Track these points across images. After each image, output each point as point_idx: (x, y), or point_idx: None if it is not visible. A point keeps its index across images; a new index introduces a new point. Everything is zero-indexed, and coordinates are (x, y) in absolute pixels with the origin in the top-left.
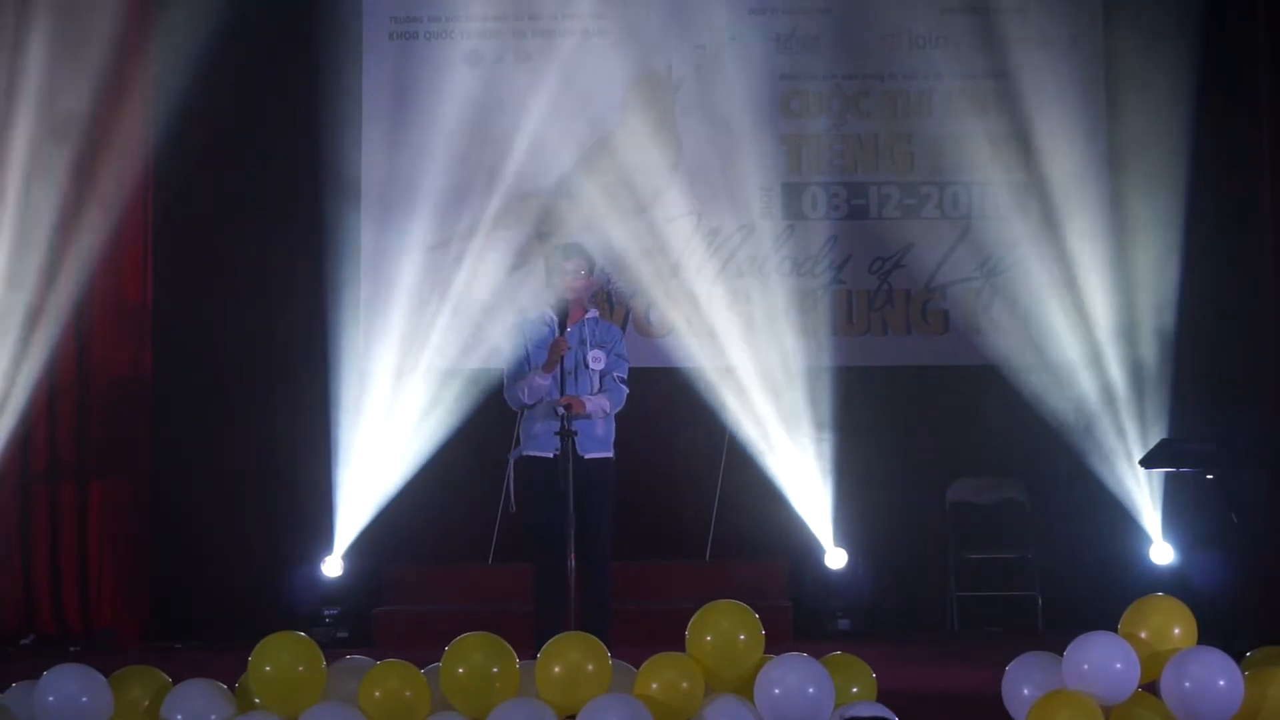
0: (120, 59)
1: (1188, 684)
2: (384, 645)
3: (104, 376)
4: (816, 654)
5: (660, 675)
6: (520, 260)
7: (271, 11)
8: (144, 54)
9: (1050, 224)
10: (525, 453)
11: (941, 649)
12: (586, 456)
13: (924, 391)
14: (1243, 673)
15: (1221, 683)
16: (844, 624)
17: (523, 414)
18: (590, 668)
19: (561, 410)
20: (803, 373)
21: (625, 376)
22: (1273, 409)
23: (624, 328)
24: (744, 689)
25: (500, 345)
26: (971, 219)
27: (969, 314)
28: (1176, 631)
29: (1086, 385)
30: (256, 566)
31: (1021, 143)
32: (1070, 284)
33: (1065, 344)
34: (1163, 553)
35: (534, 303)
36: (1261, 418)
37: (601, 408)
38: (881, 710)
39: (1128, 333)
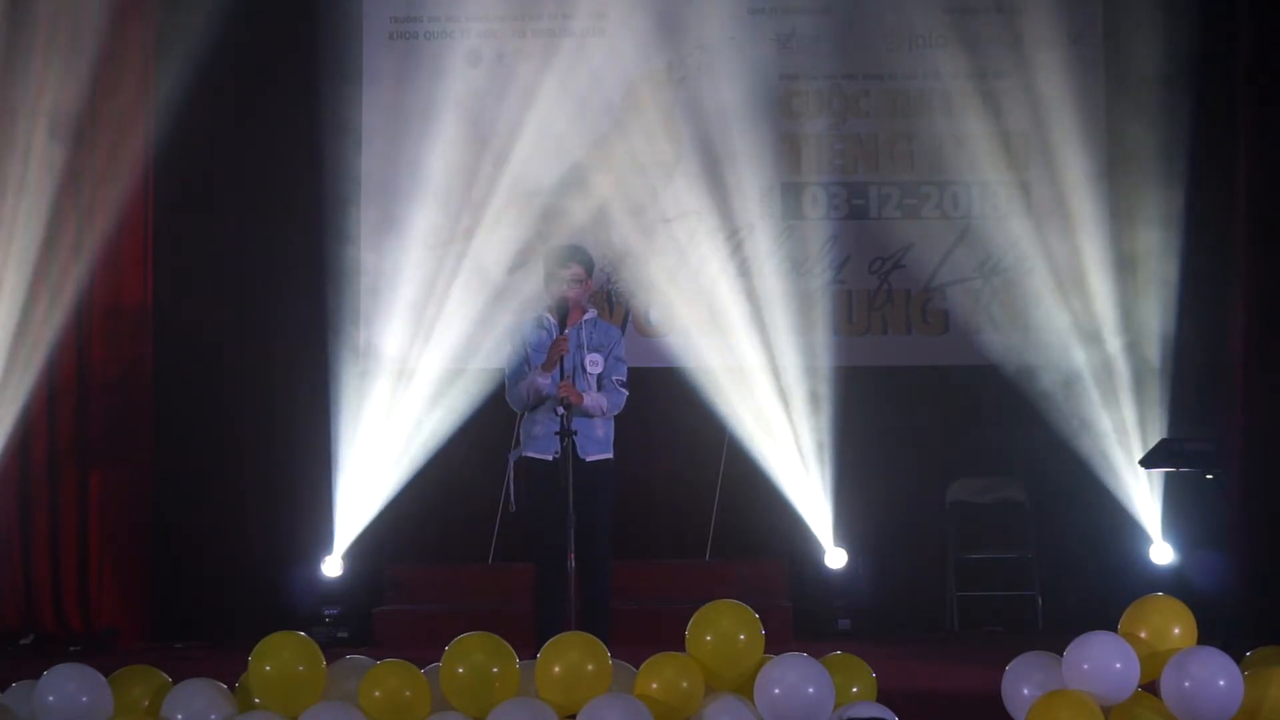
0: (121, 60)
1: (1188, 684)
2: (384, 645)
3: (104, 376)
4: (816, 654)
5: (660, 675)
6: (520, 260)
7: (271, 12)
8: (144, 54)
9: (1050, 224)
10: (525, 454)
11: (941, 649)
12: (587, 459)
13: (924, 391)
14: (1243, 673)
15: (1221, 683)
16: (844, 624)
17: (523, 415)
18: (590, 668)
19: (561, 411)
20: (803, 373)
21: (625, 379)
22: (1272, 409)
23: (624, 328)
24: (744, 689)
25: (500, 345)
26: (971, 219)
27: (969, 314)
28: (1176, 631)
29: (1085, 384)
30: (256, 566)
31: (1021, 143)
32: (1070, 284)
33: (1064, 343)
34: (1163, 553)
35: (532, 304)
36: (1260, 418)
37: (600, 406)
38: (881, 710)
39: (1128, 332)
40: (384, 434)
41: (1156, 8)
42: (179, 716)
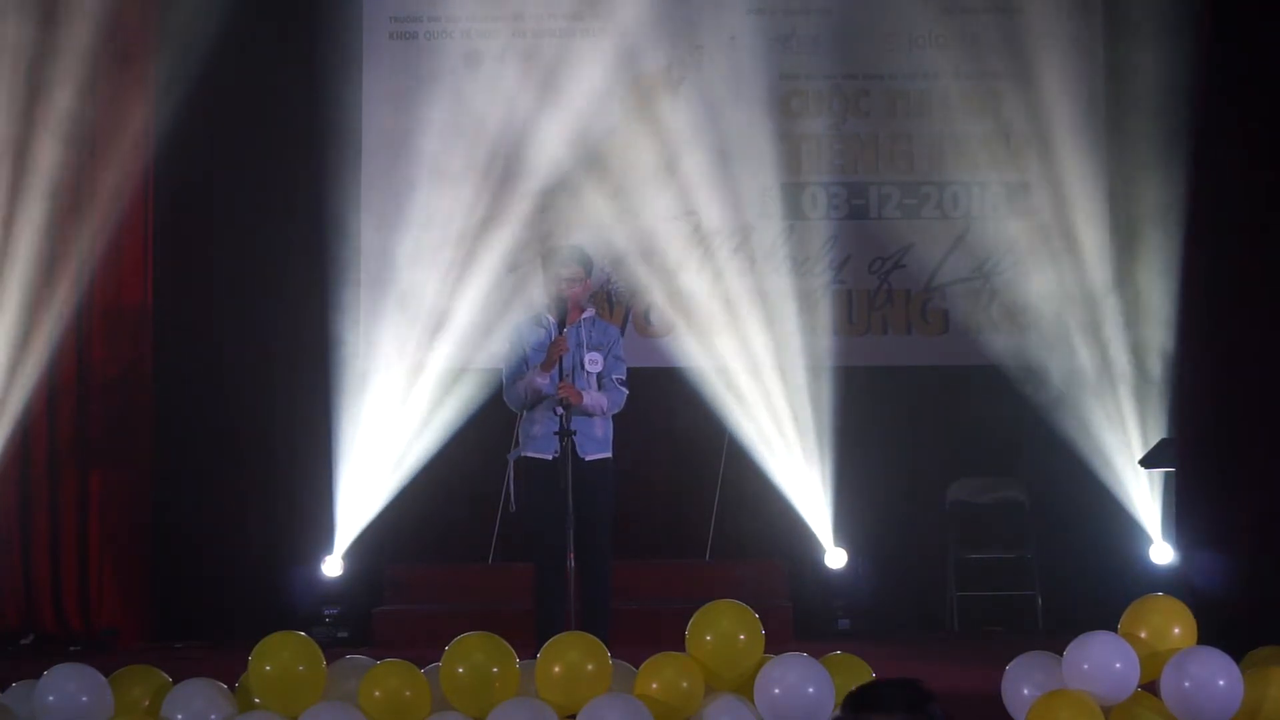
0: (121, 59)
1: (1188, 684)
2: (384, 645)
3: (104, 376)
4: (816, 654)
5: (660, 675)
6: (520, 260)
7: (271, 12)
8: (145, 54)
9: (1050, 224)
10: (525, 454)
11: (941, 649)
12: (587, 458)
13: (924, 391)
14: (1243, 673)
15: (1221, 682)
16: (844, 624)
17: (522, 415)
18: (590, 668)
19: (560, 410)
20: (803, 373)
21: (624, 378)
22: (1271, 406)
23: (623, 327)
24: (744, 689)
25: (499, 345)
26: (971, 219)
27: (969, 314)
28: (1176, 631)
29: (1085, 384)
30: (256, 566)
31: (1021, 143)
32: (1069, 283)
33: (1064, 343)
34: (1163, 553)
35: (531, 304)
36: (1260, 415)
37: (600, 405)
38: None
39: (1128, 331)
40: (384, 434)
41: (1156, 7)
42: (179, 716)
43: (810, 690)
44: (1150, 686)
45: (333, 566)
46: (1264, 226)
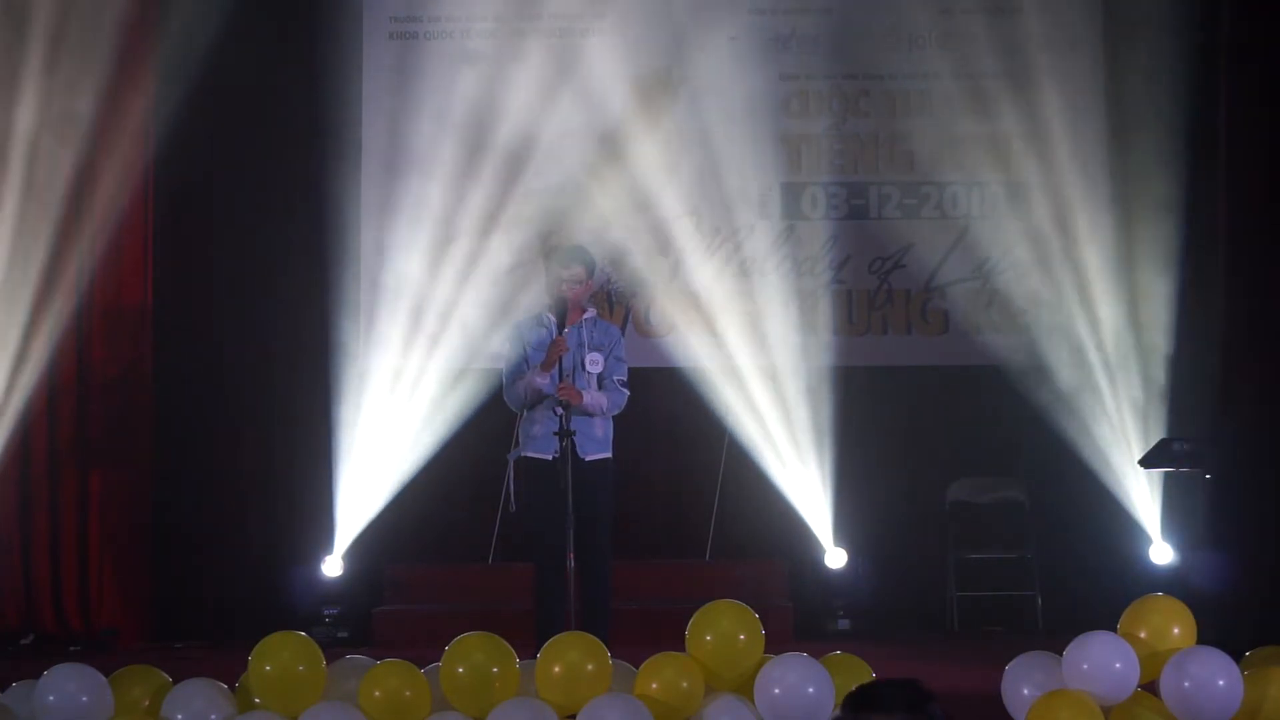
0: (121, 59)
1: (1187, 684)
2: (384, 645)
3: (104, 376)
4: (816, 654)
5: (660, 675)
6: (521, 260)
7: (271, 11)
8: (145, 54)
9: (1050, 224)
10: (525, 454)
11: (941, 649)
12: (586, 458)
13: (924, 391)
14: (1243, 673)
15: (1221, 682)
16: (844, 624)
17: (522, 415)
18: (590, 668)
19: (559, 411)
20: (803, 373)
21: (625, 379)
22: (1271, 408)
23: (624, 327)
24: (744, 689)
25: (500, 345)
26: (971, 219)
27: (969, 314)
28: (1176, 631)
29: (1085, 384)
30: (256, 566)
31: (1021, 143)
32: (1069, 284)
33: (1064, 343)
34: (1163, 553)
35: (532, 303)
36: (1259, 417)
37: (600, 405)
38: None
39: (1128, 332)
40: (384, 434)
41: (1156, 7)
42: (179, 716)
43: (810, 690)
44: (1150, 686)
45: (333, 566)
46: (1264, 230)
